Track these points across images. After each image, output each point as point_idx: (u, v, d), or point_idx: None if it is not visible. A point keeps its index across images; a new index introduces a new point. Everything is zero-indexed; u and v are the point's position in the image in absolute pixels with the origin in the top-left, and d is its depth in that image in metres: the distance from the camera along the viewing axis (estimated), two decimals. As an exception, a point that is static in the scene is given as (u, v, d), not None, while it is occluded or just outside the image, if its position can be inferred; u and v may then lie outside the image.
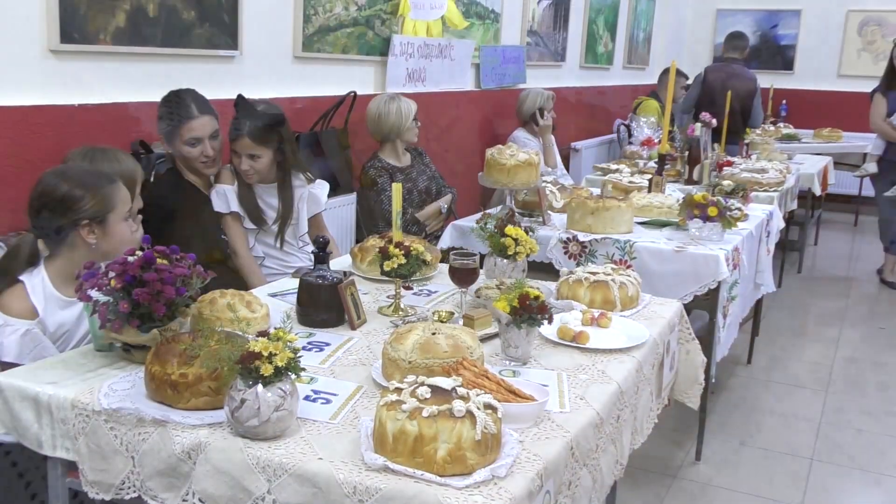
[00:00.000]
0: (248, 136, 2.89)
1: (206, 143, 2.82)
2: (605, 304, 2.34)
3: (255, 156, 2.92)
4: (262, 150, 2.92)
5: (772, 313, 5.38)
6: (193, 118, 2.80)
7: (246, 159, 2.93)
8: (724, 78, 6.36)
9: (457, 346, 1.73)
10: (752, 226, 3.56)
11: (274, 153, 2.96)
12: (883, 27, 8.84)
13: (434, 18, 4.65)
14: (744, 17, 9.48)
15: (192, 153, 2.82)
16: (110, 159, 2.46)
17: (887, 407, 4.07)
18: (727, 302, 3.19)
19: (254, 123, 2.90)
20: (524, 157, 3.19)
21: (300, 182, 3.10)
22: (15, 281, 2.08)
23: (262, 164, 2.94)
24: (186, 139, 2.81)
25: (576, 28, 6.84)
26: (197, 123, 2.81)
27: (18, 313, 2.05)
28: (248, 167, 2.93)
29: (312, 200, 3.15)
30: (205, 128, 2.82)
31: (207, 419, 1.53)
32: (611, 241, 3.16)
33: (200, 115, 2.81)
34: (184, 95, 2.85)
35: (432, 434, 1.36)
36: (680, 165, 4.89)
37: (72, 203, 2.11)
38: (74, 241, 2.13)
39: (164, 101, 2.85)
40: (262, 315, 2.03)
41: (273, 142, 2.94)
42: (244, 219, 3.00)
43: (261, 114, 2.91)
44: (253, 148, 2.91)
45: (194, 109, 2.80)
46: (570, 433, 1.58)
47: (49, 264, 2.13)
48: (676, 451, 3.46)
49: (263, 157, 2.93)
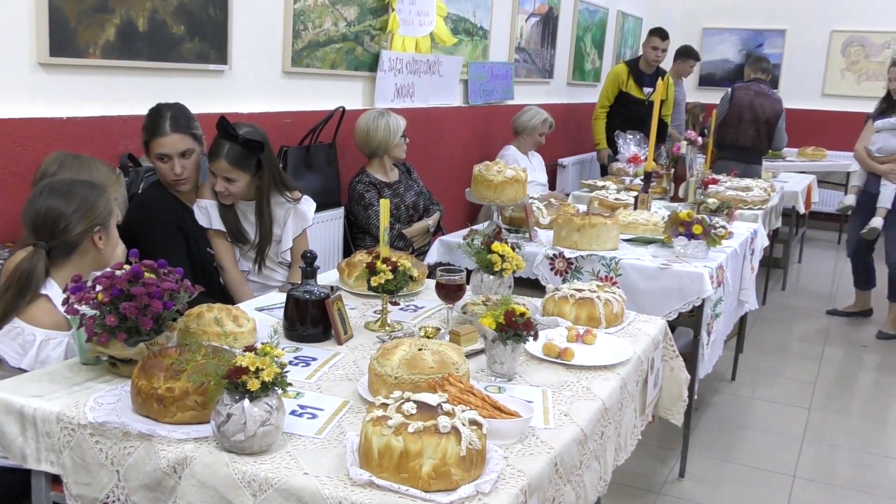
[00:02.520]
0: (224, 160, 2.85)
1: (175, 160, 2.80)
2: (591, 321, 2.36)
3: (230, 179, 2.88)
4: (239, 174, 2.88)
5: (756, 330, 5.41)
6: (163, 135, 2.78)
7: (221, 181, 2.89)
8: (751, 97, 6.27)
9: (443, 362, 1.74)
10: (737, 244, 3.59)
11: (252, 177, 2.92)
12: (866, 47, 8.95)
13: (423, 35, 4.68)
14: (730, 35, 9.59)
15: (162, 168, 2.82)
16: (84, 167, 2.46)
17: (869, 424, 4.10)
18: (711, 319, 3.22)
19: (232, 147, 2.85)
20: (511, 173, 3.21)
21: (280, 202, 3.07)
22: (38, 296, 2.09)
23: (237, 188, 2.91)
24: (156, 154, 2.81)
25: (563, 45, 6.90)
26: (166, 140, 2.78)
27: (53, 326, 2.06)
28: (223, 189, 2.90)
29: (299, 217, 3.12)
30: (174, 145, 2.79)
31: (193, 433, 1.54)
32: (597, 258, 3.18)
33: (171, 132, 2.78)
34: (163, 110, 2.82)
35: (417, 450, 1.37)
36: (666, 183, 4.93)
37: (88, 210, 2.14)
38: (86, 248, 2.16)
39: (147, 113, 2.86)
40: (249, 329, 2.04)
41: (250, 167, 2.89)
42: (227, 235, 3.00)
43: (240, 138, 2.87)
44: (229, 171, 2.87)
45: (166, 126, 2.78)
46: (555, 449, 1.59)
47: (58, 275, 2.14)
48: (660, 468, 3.47)
49: (239, 180, 2.89)
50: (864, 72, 8.95)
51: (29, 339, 2.01)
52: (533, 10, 6.21)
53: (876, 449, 3.79)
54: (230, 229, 2.97)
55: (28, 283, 2.06)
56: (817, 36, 9.11)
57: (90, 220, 2.14)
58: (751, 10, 9.43)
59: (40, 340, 2.02)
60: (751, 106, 6.23)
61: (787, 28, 9.27)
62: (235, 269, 3.01)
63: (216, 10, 3.33)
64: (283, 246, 3.08)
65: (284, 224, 3.06)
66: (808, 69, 9.20)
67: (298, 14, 3.78)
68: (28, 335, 2.02)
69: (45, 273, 2.11)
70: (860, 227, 5.38)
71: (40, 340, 2.02)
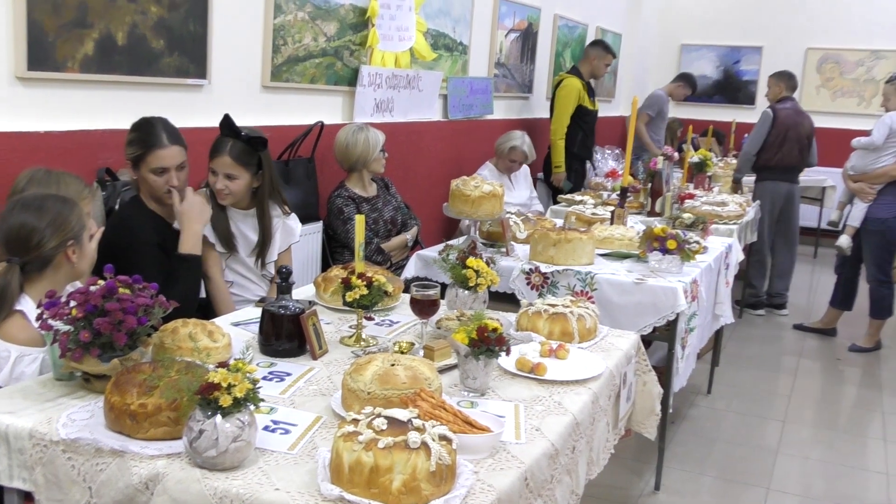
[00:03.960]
0: (228, 155, 2.92)
1: (173, 173, 2.82)
2: (564, 336, 2.38)
3: (232, 176, 2.95)
4: (241, 171, 2.95)
5: (732, 344, 5.47)
6: (162, 147, 2.80)
7: (222, 178, 2.95)
8: (793, 115, 6.15)
9: (415, 378, 1.76)
10: (711, 258, 3.64)
11: (252, 177, 2.98)
12: (840, 65, 9.10)
13: (402, 50, 4.71)
14: (707, 52, 9.71)
15: (156, 182, 2.82)
16: (53, 181, 2.45)
17: (843, 437, 4.15)
18: (685, 333, 3.25)
19: (235, 144, 2.93)
20: (489, 188, 3.24)
21: (276, 213, 3.12)
22: (13, 312, 2.08)
23: (237, 186, 2.96)
24: (153, 167, 2.81)
25: (543, 61, 6.95)
26: (165, 153, 2.81)
27: (28, 342, 2.05)
28: (223, 186, 2.95)
29: (287, 232, 3.17)
30: (173, 158, 2.82)
31: (166, 449, 1.54)
32: (572, 273, 3.21)
33: (170, 144, 2.81)
34: (155, 123, 2.85)
35: (388, 465, 1.38)
36: (643, 197, 4.99)
37: (61, 224, 2.14)
38: (59, 262, 2.16)
39: (136, 126, 2.86)
40: (224, 345, 2.04)
41: (252, 165, 2.97)
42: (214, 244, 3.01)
43: (243, 135, 2.95)
44: (232, 168, 2.93)
45: (164, 139, 2.80)
46: (525, 464, 1.61)
47: (32, 290, 2.13)
48: (636, 481, 3.50)
49: (240, 178, 2.96)
50: (838, 88, 9.09)
51: (4, 355, 2.01)
52: (512, 26, 6.26)
53: (850, 461, 3.84)
54: (221, 235, 2.99)
55: (2, 299, 2.06)
56: (793, 53, 9.25)
57: (63, 235, 2.14)
58: (728, 27, 9.56)
59: (15, 357, 2.02)
60: (795, 125, 6.11)
61: (764, 45, 9.41)
62: (221, 280, 3.02)
63: (196, 25, 3.35)
64: (268, 258, 3.10)
65: (273, 236, 3.09)
66: (785, 86, 9.33)
67: (278, 29, 3.80)
68: (3, 351, 2.02)
69: (19, 288, 2.11)
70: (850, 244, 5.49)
71: (15, 357, 2.02)
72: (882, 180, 5.23)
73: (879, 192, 5.25)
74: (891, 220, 5.25)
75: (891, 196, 5.24)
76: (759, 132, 6.12)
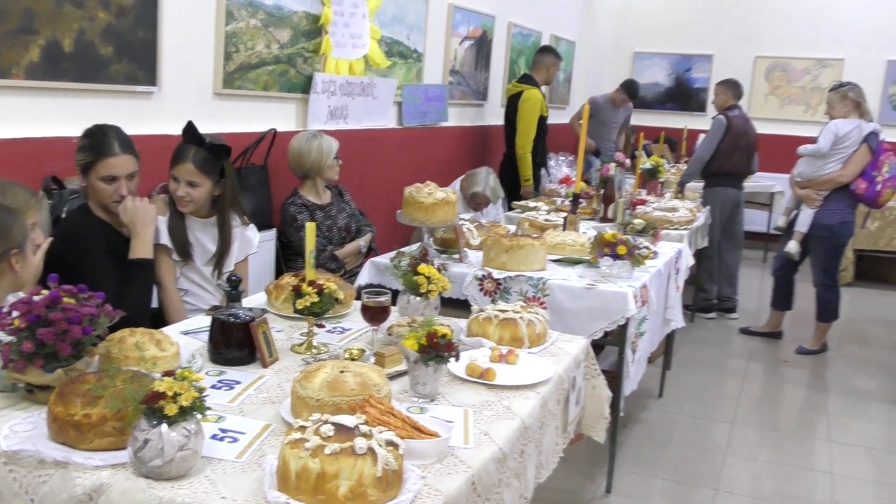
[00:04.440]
0: (191, 162, 2.92)
1: (122, 182, 2.80)
2: (514, 342, 2.41)
3: (194, 183, 2.93)
4: (203, 178, 2.94)
5: (683, 348, 5.55)
6: (114, 155, 2.77)
7: (184, 185, 2.93)
8: (743, 123, 6.31)
9: (364, 384, 1.77)
10: (661, 263, 3.70)
11: (213, 185, 2.98)
12: (788, 73, 9.32)
13: (356, 57, 4.72)
14: (660, 59, 9.87)
15: (105, 190, 2.79)
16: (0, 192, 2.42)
17: (788, 437, 4.25)
18: (636, 337, 3.30)
19: (198, 151, 2.93)
20: (442, 195, 3.25)
21: (236, 222, 3.11)
22: None
23: (199, 194, 2.95)
24: (102, 175, 2.78)
25: (497, 68, 7.01)
26: (116, 161, 2.78)
27: None
28: (185, 193, 2.93)
29: (245, 242, 3.16)
30: (123, 167, 2.79)
31: (111, 460, 1.53)
32: (524, 279, 3.24)
33: (122, 153, 2.78)
34: (108, 131, 2.82)
35: (334, 471, 1.39)
36: (596, 203, 5.05)
37: (4, 233, 2.11)
38: (2, 271, 2.13)
39: (88, 132, 2.82)
40: (172, 354, 2.03)
41: (215, 173, 2.97)
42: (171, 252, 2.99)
43: (207, 143, 2.94)
44: (194, 175, 2.92)
45: (116, 147, 2.77)
46: (473, 468, 1.63)
47: None
48: (588, 484, 3.54)
49: (202, 186, 2.95)
50: (786, 96, 9.31)
51: None
52: (467, 34, 6.30)
53: (796, 462, 3.93)
54: (177, 243, 2.97)
55: None
56: (742, 61, 9.46)
57: (6, 243, 2.11)
58: (679, 35, 9.74)
59: None
60: (745, 133, 6.27)
61: (714, 53, 9.60)
62: (174, 287, 2.99)
63: (145, 32, 3.32)
64: (225, 268, 3.09)
65: (231, 246, 3.08)
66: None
67: (230, 36, 3.78)
68: None
69: None
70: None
71: None
72: (828, 187, 5.35)
73: (825, 199, 5.37)
74: (837, 226, 5.38)
75: (836, 202, 5.36)
76: (713, 139, 6.23)
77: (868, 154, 5.24)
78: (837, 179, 5.31)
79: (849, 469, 3.86)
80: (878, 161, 5.24)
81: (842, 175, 5.28)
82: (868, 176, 5.26)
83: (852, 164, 5.26)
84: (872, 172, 5.25)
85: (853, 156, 5.25)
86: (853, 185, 5.28)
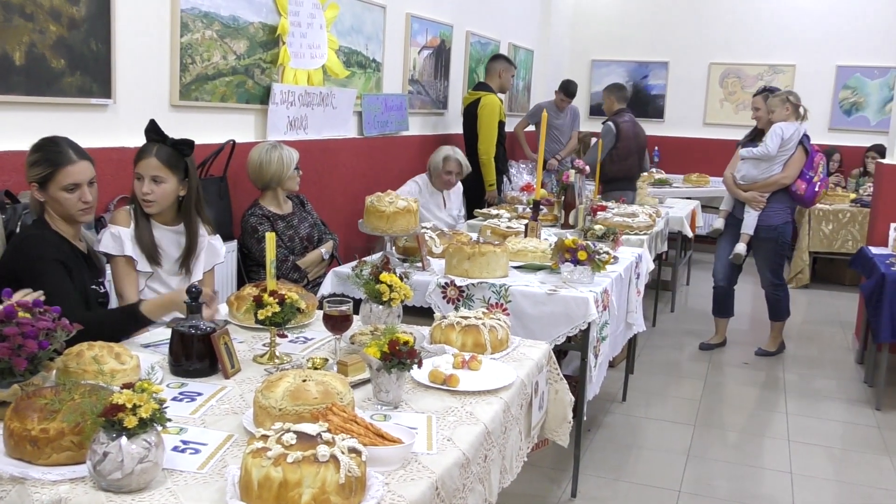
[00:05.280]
0: (155, 157, 2.91)
1: (85, 188, 2.77)
2: (476, 348, 2.42)
3: (158, 179, 2.91)
4: (168, 174, 2.92)
5: (646, 352, 5.61)
6: (72, 163, 2.73)
7: (149, 182, 2.91)
8: (632, 127, 6.50)
9: (327, 393, 1.77)
10: (622, 268, 3.74)
11: (178, 183, 2.96)
12: (741, 79, 9.49)
13: (314, 68, 4.72)
14: (617, 67, 9.99)
15: (69, 199, 2.75)
16: None
17: (747, 438, 4.31)
18: (598, 342, 3.33)
19: (162, 147, 2.94)
20: (403, 203, 3.26)
21: (202, 230, 3.09)
22: None
23: (163, 190, 2.92)
24: (64, 185, 2.74)
25: (457, 77, 7.04)
26: (75, 169, 2.74)
27: None
28: (149, 190, 2.91)
29: (212, 252, 3.13)
30: (83, 173, 2.76)
31: (69, 474, 1.51)
32: (487, 286, 3.26)
33: (79, 160, 2.75)
34: (59, 141, 2.78)
35: (296, 479, 1.39)
36: (557, 210, 5.09)
37: None
38: None
39: (37, 147, 2.78)
40: (132, 367, 2.01)
41: (179, 170, 2.95)
42: (137, 262, 2.95)
43: (169, 140, 2.96)
44: (158, 169, 2.90)
45: (72, 154, 2.74)
46: (436, 474, 1.63)
47: None
48: (553, 488, 3.56)
49: (167, 182, 2.92)
50: (740, 102, 9.48)
51: None
52: (425, 43, 6.33)
53: (753, 461, 3.98)
54: (145, 248, 2.94)
55: None
56: (697, 68, 9.63)
57: None
58: (636, 43, 9.88)
59: None
60: (635, 136, 6.50)
61: (670, 60, 9.74)
62: (135, 300, 2.95)
63: (98, 44, 3.29)
64: (193, 278, 3.06)
65: (197, 256, 3.05)
66: (690, 99, 9.72)
67: (186, 47, 3.76)
68: None
69: None
70: (728, 252, 5.65)
71: None
72: (772, 188, 5.45)
73: (769, 200, 5.47)
74: (782, 227, 5.49)
75: (780, 203, 5.47)
76: (605, 145, 6.33)
77: (804, 156, 5.37)
78: (781, 181, 5.41)
79: (808, 468, 3.93)
80: (812, 162, 5.38)
81: (784, 177, 5.38)
82: (806, 177, 5.39)
83: (791, 165, 5.37)
84: (809, 173, 5.39)
85: (792, 158, 5.37)
86: (794, 186, 5.40)
